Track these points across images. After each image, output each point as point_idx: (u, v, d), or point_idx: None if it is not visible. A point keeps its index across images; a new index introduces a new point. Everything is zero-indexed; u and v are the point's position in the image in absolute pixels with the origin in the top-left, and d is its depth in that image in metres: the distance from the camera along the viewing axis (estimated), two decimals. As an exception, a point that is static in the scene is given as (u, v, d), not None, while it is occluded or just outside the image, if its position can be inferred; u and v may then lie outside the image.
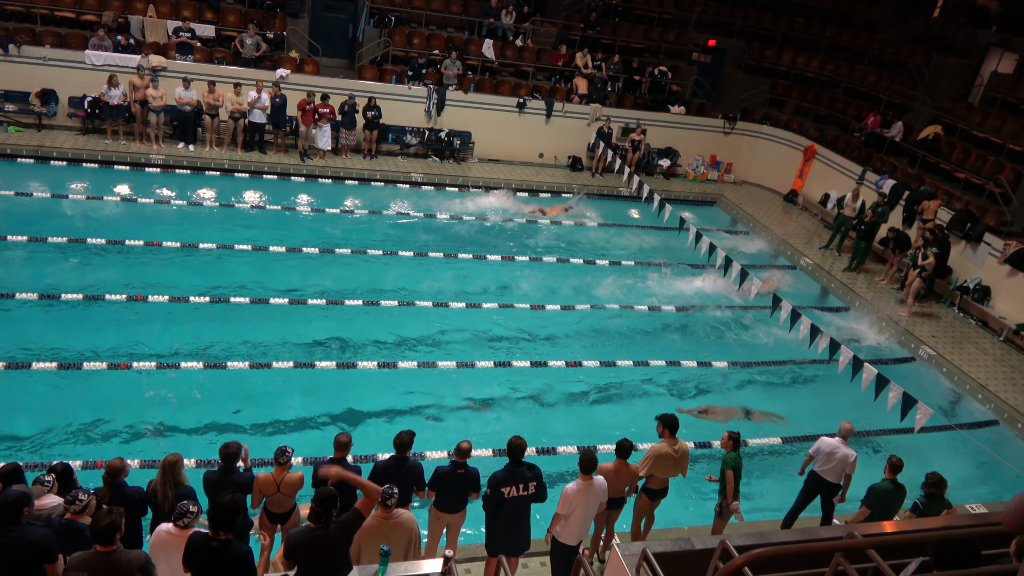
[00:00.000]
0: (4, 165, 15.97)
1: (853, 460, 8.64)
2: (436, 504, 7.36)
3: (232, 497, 5.25)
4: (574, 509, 7.17)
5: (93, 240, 13.58)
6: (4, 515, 5.20)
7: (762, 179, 23.03)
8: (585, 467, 7.12)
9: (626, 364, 12.55)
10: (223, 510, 5.17)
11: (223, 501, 5.17)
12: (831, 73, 23.80)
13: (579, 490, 7.11)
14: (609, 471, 7.63)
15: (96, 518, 5.03)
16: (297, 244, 14.72)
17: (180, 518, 5.70)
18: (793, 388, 13.13)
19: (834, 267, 17.42)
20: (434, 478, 7.23)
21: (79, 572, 4.81)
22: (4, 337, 10.69)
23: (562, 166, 21.73)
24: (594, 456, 7.19)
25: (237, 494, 5.51)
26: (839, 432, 8.83)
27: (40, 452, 8.91)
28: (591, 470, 7.14)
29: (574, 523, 7.24)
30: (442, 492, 7.28)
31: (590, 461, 7.13)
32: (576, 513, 7.18)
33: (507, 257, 15.70)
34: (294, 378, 10.75)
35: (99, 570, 4.96)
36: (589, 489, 7.15)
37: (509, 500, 7.06)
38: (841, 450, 8.65)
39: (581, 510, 7.19)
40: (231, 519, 5.19)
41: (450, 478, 7.20)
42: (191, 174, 17.19)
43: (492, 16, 21.99)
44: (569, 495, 7.11)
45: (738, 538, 5.75)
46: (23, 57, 17.10)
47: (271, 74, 18.46)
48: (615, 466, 7.71)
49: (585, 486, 7.12)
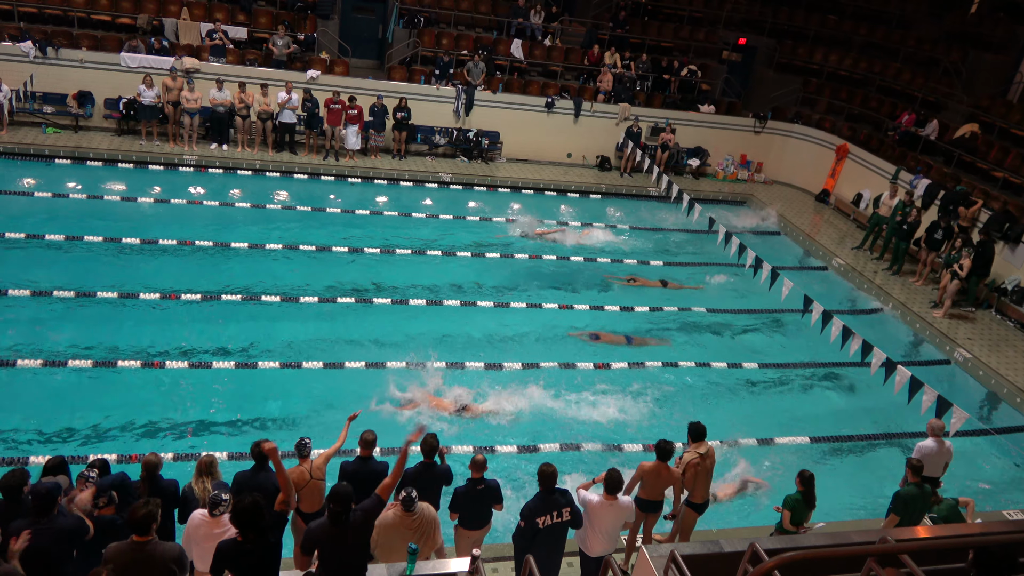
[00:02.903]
0: (42, 166, 16.30)
1: (951, 449, 9.06)
2: (461, 523, 7.23)
3: (252, 499, 5.29)
4: (595, 522, 7.06)
5: (128, 239, 13.80)
6: (38, 506, 5.33)
7: (793, 179, 22.76)
8: (610, 487, 6.95)
9: (655, 365, 12.47)
10: (242, 512, 5.21)
11: (243, 504, 5.21)
12: (864, 71, 23.45)
13: (601, 506, 6.98)
14: (649, 472, 7.52)
15: (133, 508, 5.12)
16: (327, 243, 14.84)
17: (215, 507, 5.90)
18: (823, 390, 12.95)
19: (867, 268, 17.15)
20: (455, 500, 7.08)
21: (113, 562, 4.89)
22: (41, 335, 10.90)
23: (590, 166, 21.66)
24: (620, 477, 7.02)
25: (257, 495, 5.57)
26: (930, 431, 8.99)
27: (81, 446, 9.08)
28: (616, 491, 6.99)
29: (597, 537, 7.13)
30: (465, 512, 7.14)
31: (616, 482, 6.96)
32: (598, 528, 7.08)
33: (533, 255, 15.70)
34: (322, 377, 10.82)
35: (135, 559, 5.05)
36: (612, 508, 7.00)
37: (544, 530, 6.86)
38: (942, 447, 8.92)
39: (603, 525, 7.07)
40: (253, 520, 5.23)
41: (471, 496, 7.06)
42: (223, 174, 17.42)
43: (520, 16, 21.99)
44: (589, 507, 7.03)
45: (768, 541, 5.69)
46: (61, 60, 17.45)
47: (302, 75, 18.64)
48: (655, 467, 7.56)
49: (608, 505, 6.98)
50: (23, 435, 9.14)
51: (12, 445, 8.96)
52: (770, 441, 10.97)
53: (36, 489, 5.49)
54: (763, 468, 10.23)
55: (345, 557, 5.58)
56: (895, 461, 10.69)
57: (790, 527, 7.60)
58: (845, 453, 11.02)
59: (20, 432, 9.18)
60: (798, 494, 7.61)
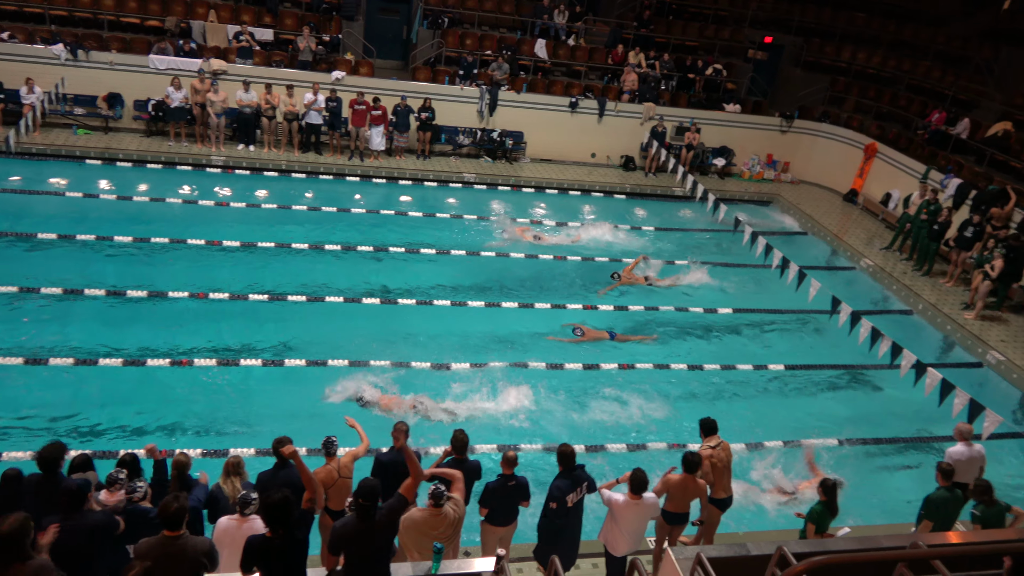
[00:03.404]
0: (73, 166, 16.56)
1: (983, 453, 8.79)
2: (488, 519, 7.30)
3: (282, 494, 5.33)
4: (621, 522, 7.10)
5: (157, 239, 13.98)
6: (68, 502, 5.41)
7: (821, 178, 22.51)
8: (636, 487, 7.02)
9: (680, 367, 12.38)
10: (272, 507, 5.24)
11: (274, 499, 5.25)
12: (893, 69, 23.13)
13: (627, 506, 7.04)
14: (676, 485, 7.43)
15: (164, 504, 5.18)
16: (351, 243, 14.92)
17: (245, 507, 6.01)
18: (851, 392, 12.79)
19: (896, 269, 16.92)
20: (486, 495, 7.16)
21: (146, 556, 4.94)
22: (73, 333, 11.07)
23: (615, 166, 21.58)
24: (645, 477, 7.08)
25: (287, 490, 5.61)
26: (958, 436, 8.78)
27: (111, 441, 9.21)
28: (641, 491, 7.04)
29: (622, 536, 7.17)
30: (495, 507, 7.21)
31: (641, 482, 7.02)
32: (623, 527, 7.12)
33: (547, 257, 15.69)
34: (350, 375, 10.87)
35: (166, 554, 5.11)
36: (638, 507, 7.06)
37: (572, 508, 7.02)
38: (973, 451, 8.69)
39: (629, 525, 7.11)
40: (283, 515, 5.27)
41: (502, 492, 7.14)
42: (250, 175, 17.58)
43: (544, 16, 21.97)
44: (614, 507, 7.08)
45: (796, 545, 5.63)
46: (91, 62, 17.72)
47: (327, 76, 18.76)
48: (682, 480, 7.46)
49: (633, 504, 7.04)
50: (55, 431, 9.27)
51: (45, 440, 9.08)
52: (797, 443, 10.86)
53: (66, 486, 5.58)
54: (789, 470, 10.12)
55: (370, 554, 5.60)
56: (925, 464, 10.55)
57: (814, 538, 7.46)
58: (874, 456, 10.86)
59: (53, 428, 9.32)
60: (820, 504, 7.50)
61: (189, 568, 5.21)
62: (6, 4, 18.21)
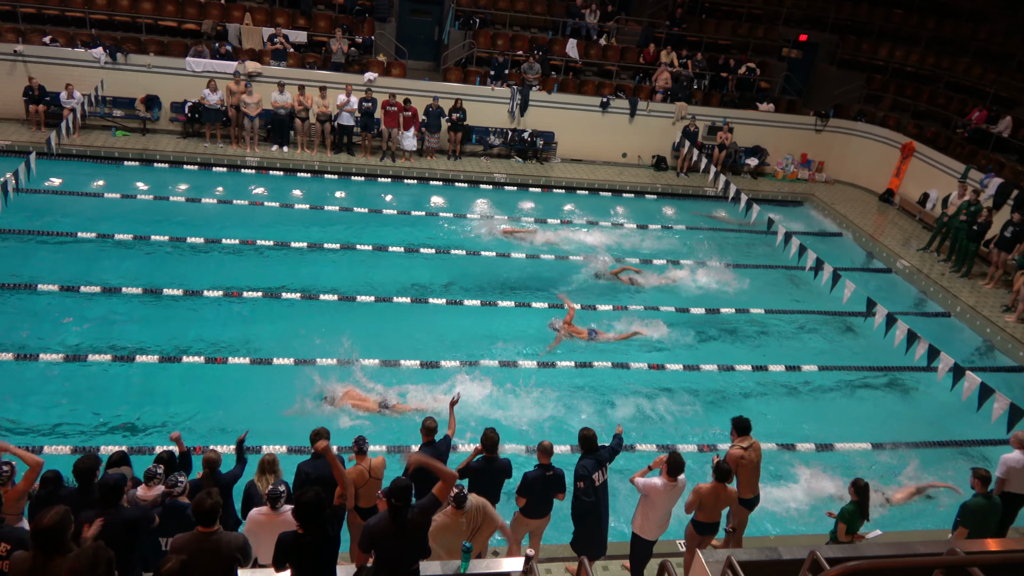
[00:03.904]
0: (111, 168, 16.91)
1: None
2: (524, 511, 7.34)
3: (315, 492, 5.38)
4: (657, 506, 7.19)
5: (192, 239, 14.21)
6: (105, 497, 5.52)
7: (856, 178, 22.16)
8: (673, 470, 7.15)
9: (710, 368, 12.28)
10: (305, 505, 5.29)
11: (306, 498, 5.30)
12: (932, 67, 22.69)
13: (665, 489, 7.17)
14: (707, 493, 7.36)
15: (199, 500, 5.26)
16: (383, 243, 15.03)
17: (276, 501, 6.08)
18: (886, 394, 12.58)
19: (933, 270, 16.60)
20: (524, 484, 7.22)
21: (181, 552, 5.02)
22: (111, 331, 11.30)
23: (646, 166, 21.46)
24: (682, 460, 7.20)
25: (319, 488, 5.66)
26: (1016, 443, 8.53)
27: (146, 437, 9.38)
28: (678, 473, 7.17)
29: (655, 520, 7.30)
30: (532, 498, 7.25)
31: (678, 465, 7.16)
32: (657, 511, 7.24)
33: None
34: (379, 374, 10.95)
35: (201, 550, 5.19)
36: (673, 490, 7.23)
37: (600, 487, 7.19)
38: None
39: (663, 508, 7.25)
40: (315, 513, 5.32)
41: (540, 482, 7.20)
42: (284, 175, 17.79)
43: (576, 15, 21.93)
44: (652, 492, 7.16)
45: (829, 550, 5.56)
46: (129, 65, 18.07)
47: (359, 78, 18.92)
48: (713, 488, 7.37)
49: (671, 486, 7.19)
50: (92, 427, 9.48)
51: (83, 436, 9.30)
52: (829, 446, 10.71)
53: (104, 481, 5.71)
54: (823, 472, 9.99)
55: (402, 553, 5.64)
56: (961, 470, 10.32)
57: (845, 538, 7.43)
58: (907, 460, 10.66)
59: (89, 424, 9.53)
60: (852, 504, 7.41)
61: (224, 564, 5.29)
62: (48, 8, 18.66)
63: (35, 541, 4.58)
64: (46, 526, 4.52)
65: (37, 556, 4.56)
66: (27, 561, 4.60)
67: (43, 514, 4.58)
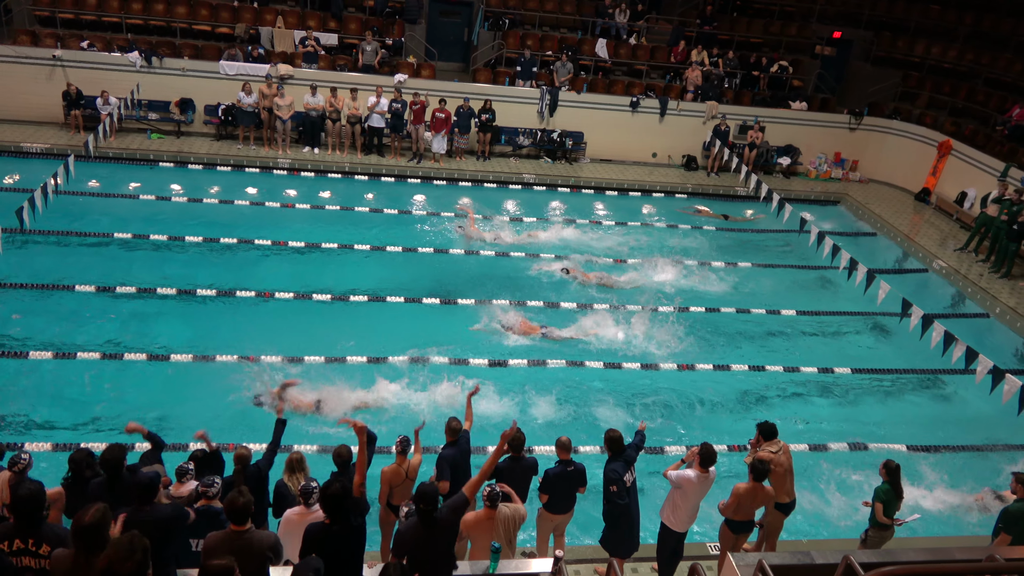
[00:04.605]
0: (147, 170, 17.20)
1: None
2: (547, 507, 7.39)
3: (340, 483, 5.47)
4: (690, 497, 7.21)
5: (225, 239, 14.39)
6: (140, 495, 5.59)
7: (892, 177, 21.78)
8: (706, 461, 7.18)
9: (741, 368, 12.16)
10: (331, 497, 5.38)
11: (332, 490, 5.40)
12: (970, 63, 22.23)
13: (699, 480, 7.19)
14: (746, 494, 7.37)
15: (231, 499, 5.32)
16: (412, 245, 15.09)
17: (308, 497, 6.19)
18: (921, 397, 12.35)
19: (971, 270, 16.25)
20: (546, 481, 7.26)
21: (215, 550, 5.08)
22: (146, 330, 11.48)
23: (676, 165, 21.31)
24: (714, 451, 7.22)
25: (344, 479, 5.72)
26: None
27: (179, 435, 9.50)
28: (710, 464, 7.21)
29: (686, 512, 7.32)
30: (555, 493, 7.29)
31: (711, 456, 7.19)
32: (689, 503, 7.27)
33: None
34: (410, 373, 10.99)
35: (234, 548, 5.24)
36: (706, 481, 7.24)
37: (630, 487, 7.21)
38: None
39: (695, 499, 7.27)
40: (341, 504, 5.40)
41: (563, 476, 7.23)
42: (315, 177, 17.96)
43: (605, 15, 21.83)
44: (686, 484, 7.17)
45: (863, 555, 5.45)
46: (164, 69, 18.37)
47: (389, 79, 19.03)
48: (751, 488, 7.38)
49: (704, 478, 7.21)
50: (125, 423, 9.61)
51: (118, 434, 9.45)
52: (863, 446, 10.53)
53: (138, 479, 5.76)
54: (854, 474, 9.84)
55: (434, 555, 5.70)
56: (1001, 475, 10.09)
57: (884, 519, 7.51)
58: (944, 464, 10.45)
59: (125, 421, 9.64)
60: (885, 484, 7.54)
61: (256, 562, 5.34)
62: (86, 14, 19.04)
63: (77, 539, 4.58)
64: (88, 524, 4.53)
65: (79, 554, 4.60)
66: (69, 559, 4.65)
67: (83, 512, 4.59)
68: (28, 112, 18.14)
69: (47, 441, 9.12)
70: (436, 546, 5.67)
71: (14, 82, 17.82)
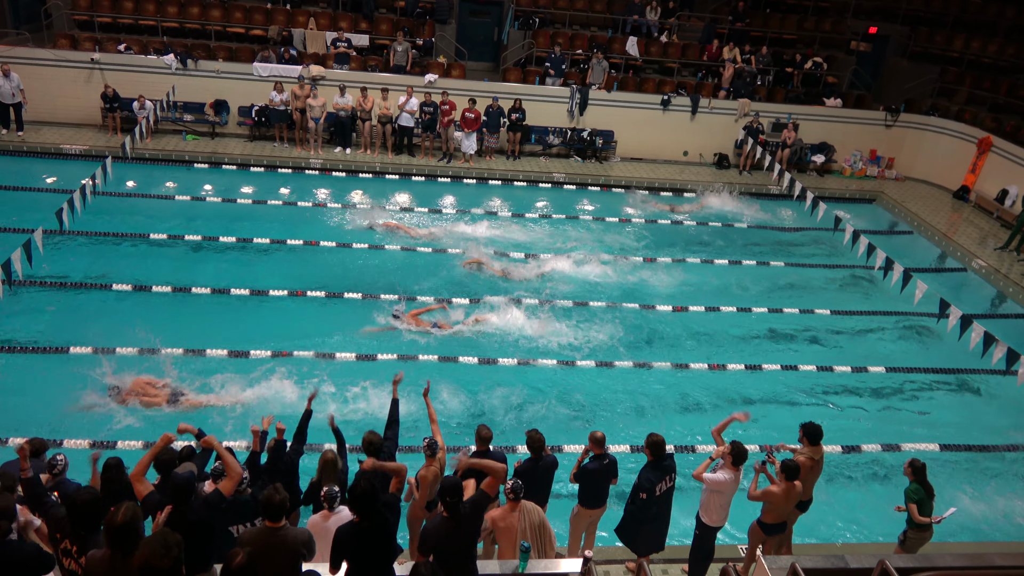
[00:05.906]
0: (182, 171, 17.48)
1: None
2: (582, 502, 7.43)
3: (367, 482, 5.48)
4: (726, 495, 7.20)
5: (259, 239, 14.57)
6: (176, 495, 5.67)
7: (929, 175, 21.36)
8: (737, 459, 7.16)
9: (773, 368, 12.01)
10: (360, 496, 5.40)
11: (359, 489, 5.41)
12: (1011, 57, 21.72)
13: (733, 481, 7.18)
14: (779, 496, 7.29)
15: (268, 496, 5.38)
16: (441, 245, 15.13)
17: (332, 501, 6.18)
18: (958, 398, 12.09)
19: (1012, 270, 15.88)
20: (583, 474, 7.32)
21: (249, 546, 5.13)
22: (181, 328, 11.65)
23: (708, 164, 21.12)
24: (745, 449, 7.19)
25: (367, 476, 5.74)
26: None
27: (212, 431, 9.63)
28: (742, 462, 7.18)
29: (722, 508, 7.30)
30: (590, 486, 7.33)
31: (742, 454, 7.16)
32: (726, 499, 7.26)
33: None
34: (438, 372, 11.03)
35: (268, 544, 5.30)
36: (736, 478, 7.24)
37: (661, 496, 7.15)
38: None
39: (728, 496, 7.26)
40: (369, 502, 5.41)
41: (601, 471, 7.28)
42: (346, 176, 18.10)
43: (636, 13, 21.71)
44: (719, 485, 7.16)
45: (899, 559, 5.36)
46: (199, 71, 18.66)
47: (420, 79, 19.12)
48: (785, 489, 7.29)
49: (734, 474, 7.20)
50: (158, 420, 9.76)
51: (153, 432, 9.61)
52: (896, 447, 10.35)
53: (175, 480, 5.83)
54: (891, 477, 9.67)
55: (458, 550, 5.74)
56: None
57: (922, 519, 7.37)
58: (984, 467, 10.22)
59: (155, 418, 9.84)
60: (914, 484, 7.42)
61: (290, 558, 5.40)
62: (123, 17, 19.40)
63: (110, 539, 4.63)
64: (120, 523, 4.57)
65: (115, 554, 4.65)
66: (105, 560, 4.71)
67: (114, 512, 4.63)
68: (68, 115, 18.54)
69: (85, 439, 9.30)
70: (461, 539, 5.71)
71: (54, 85, 18.22)
